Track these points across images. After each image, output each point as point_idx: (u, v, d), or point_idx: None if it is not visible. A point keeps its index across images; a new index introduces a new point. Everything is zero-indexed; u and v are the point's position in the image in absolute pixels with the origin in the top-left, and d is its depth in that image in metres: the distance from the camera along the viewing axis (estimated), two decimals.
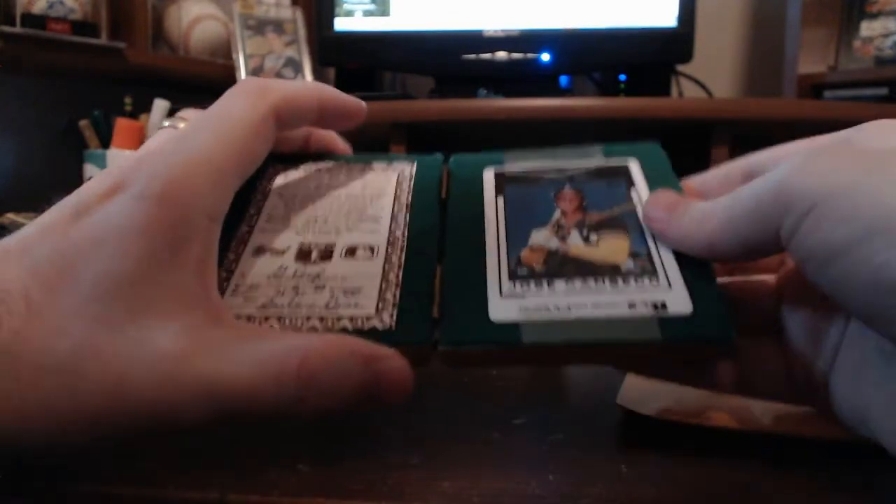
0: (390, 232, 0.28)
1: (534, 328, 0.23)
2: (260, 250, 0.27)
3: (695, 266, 0.25)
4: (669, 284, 0.24)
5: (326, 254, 0.27)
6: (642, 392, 0.28)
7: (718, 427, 0.26)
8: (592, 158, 0.31)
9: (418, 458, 0.23)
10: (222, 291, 0.25)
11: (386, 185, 0.31)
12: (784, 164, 0.20)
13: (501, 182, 0.30)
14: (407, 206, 0.30)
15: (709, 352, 0.24)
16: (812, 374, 0.24)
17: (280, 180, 0.31)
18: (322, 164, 0.32)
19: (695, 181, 0.28)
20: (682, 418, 0.26)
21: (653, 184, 0.29)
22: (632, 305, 0.24)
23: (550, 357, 0.24)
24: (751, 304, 0.26)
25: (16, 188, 1.15)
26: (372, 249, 0.27)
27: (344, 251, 0.27)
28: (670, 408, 0.27)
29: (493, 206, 0.29)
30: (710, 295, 0.24)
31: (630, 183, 0.29)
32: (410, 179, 0.31)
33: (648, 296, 0.24)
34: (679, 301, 0.24)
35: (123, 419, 0.19)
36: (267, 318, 0.24)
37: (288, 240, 0.28)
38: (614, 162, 0.30)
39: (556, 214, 0.28)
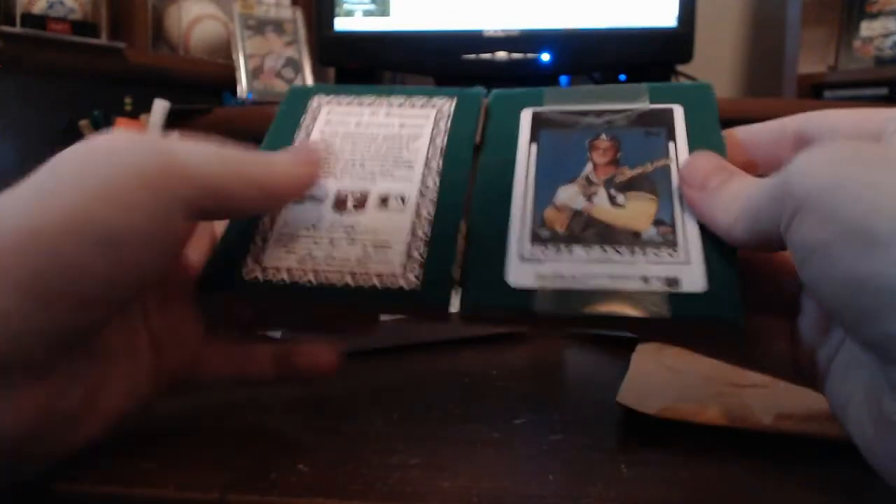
0: (422, 180, 0.29)
1: (547, 297, 0.24)
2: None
3: (718, 239, 0.24)
4: (688, 258, 0.24)
5: (361, 202, 0.28)
6: (642, 390, 0.28)
7: (718, 425, 0.26)
8: (636, 102, 0.30)
9: (418, 458, 0.23)
10: (266, 239, 0.27)
11: (423, 126, 0.31)
12: (793, 159, 0.21)
13: (537, 125, 0.30)
14: (441, 150, 0.30)
15: (716, 331, 0.24)
16: (815, 361, 0.24)
17: (323, 117, 0.32)
18: (364, 99, 0.33)
19: (742, 132, 0.27)
20: (682, 416, 0.26)
21: (694, 136, 0.28)
22: (646, 280, 0.24)
23: (561, 323, 0.25)
24: (776, 280, 0.26)
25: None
26: (403, 199, 0.28)
27: (377, 200, 0.28)
28: (670, 406, 0.27)
29: (525, 155, 0.29)
30: (726, 273, 0.23)
31: (671, 134, 0.28)
32: (448, 118, 0.31)
33: (663, 270, 0.24)
34: (694, 278, 0.23)
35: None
36: (305, 272, 0.26)
37: (326, 186, 0.29)
38: (658, 107, 0.29)
39: (588, 168, 0.27)
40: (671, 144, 0.27)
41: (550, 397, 0.32)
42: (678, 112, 0.29)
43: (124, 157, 0.21)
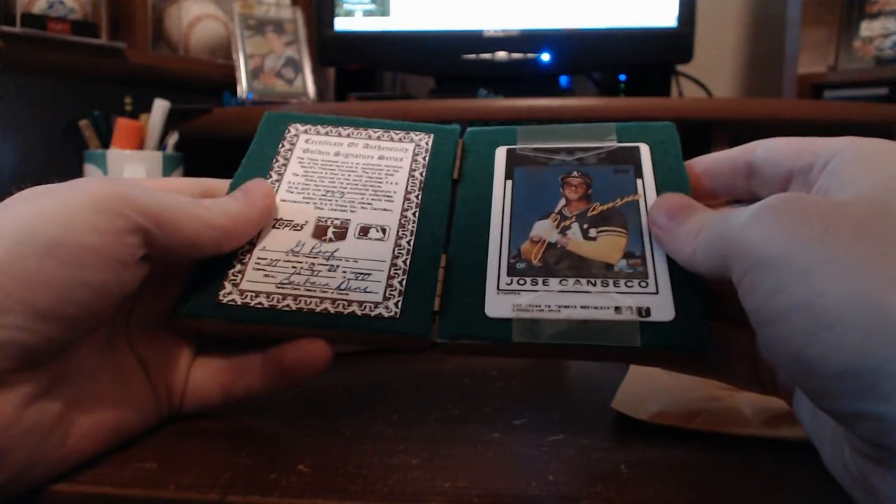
0: (402, 212, 0.29)
1: (524, 327, 0.25)
2: (280, 222, 0.29)
3: (684, 270, 0.25)
4: (657, 289, 0.25)
5: (341, 232, 0.28)
6: (637, 396, 0.28)
7: (711, 431, 0.26)
8: (605, 140, 0.31)
9: (418, 458, 0.23)
10: (245, 263, 0.27)
11: (402, 159, 0.32)
12: (743, 212, 0.21)
13: (512, 163, 0.31)
14: (420, 183, 0.31)
15: (684, 359, 0.25)
16: (776, 380, 0.24)
17: (301, 144, 0.32)
18: (342, 129, 0.33)
19: (700, 164, 0.28)
20: (676, 422, 0.26)
21: (660, 173, 0.29)
22: (618, 310, 0.25)
23: (538, 353, 0.25)
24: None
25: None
26: (384, 230, 0.29)
27: (357, 230, 0.29)
28: (664, 412, 0.27)
29: (501, 191, 0.30)
30: (693, 302, 0.24)
31: (638, 171, 0.29)
32: (426, 153, 0.32)
33: (635, 300, 0.25)
34: (663, 308, 0.24)
35: None
36: (284, 297, 0.26)
37: (306, 213, 0.29)
38: (625, 145, 0.30)
39: (561, 203, 0.29)
40: (639, 181, 0.29)
41: (550, 398, 0.32)
42: (644, 150, 0.30)
43: (79, 185, 0.23)
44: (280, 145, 0.32)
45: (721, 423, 0.26)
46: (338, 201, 0.29)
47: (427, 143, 0.32)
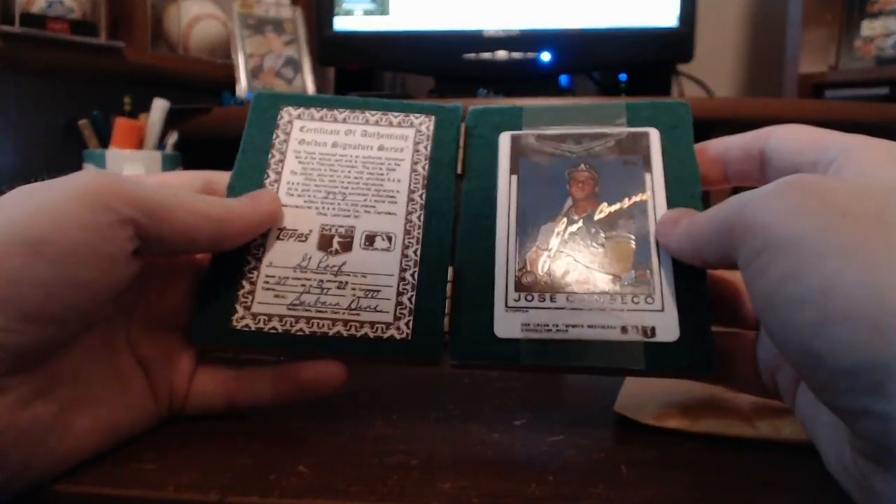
0: (407, 215, 0.29)
1: (532, 348, 0.25)
2: (284, 232, 0.28)
3: (691, 284, 0.25)
4: (662, 306, 0.25)
5: (346, 242, 0.28)
6: (639, 399, 0.28)
7: (715, 434, 0.26)
8: (614, 123, 0.30)
9: (418, 459, 0.23)
10: (253, 282, 0.27)
11: (403, 149, 0.30)
12: (756, 191, 0.20)
13: (517, 153, 0.30)
14: (424, 180, 0.30)
15: (688, 378, 0.25)
16: (777, 382, 0.24)
17: (296, 134, 0.31)
18: (337, 112, 0.31)
19: (713, 149, 0.28)
20: (679, 426, 0.26)
21: (670, 166, 0.28)
22: (624, 329, 0.25)
23: (546, 371, 0.26)
24: (743, 298, 0.27)
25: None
26: (389, 238, 0.28)
27: (363, 239, 0.28)
28: (666, 415, 0.27)
29: (506, 188, 0.29)
30: (698, 320, 0.24)
31: (647, 163, 0.28)
32: (428, 140, 0.31)
33: (640, 319, 0.25)
34: (668, 327, 0.25)
35: None
36: (297, 320, 0.26)
37: (310, 221, 0.28)
38: (635, 131, 0.29)
39: (568, 203, 0.28)
40: (647, 175, 0.28)
41: (550, 398, 0.32)
42: (654, 137, 0.29)
43: (69, 180, 0.22)
44: (274, 135, 0.30)
45: (724, 426, 0.26)
46: (340, 204, 0.29)
47: (428, 129, 0.31)
